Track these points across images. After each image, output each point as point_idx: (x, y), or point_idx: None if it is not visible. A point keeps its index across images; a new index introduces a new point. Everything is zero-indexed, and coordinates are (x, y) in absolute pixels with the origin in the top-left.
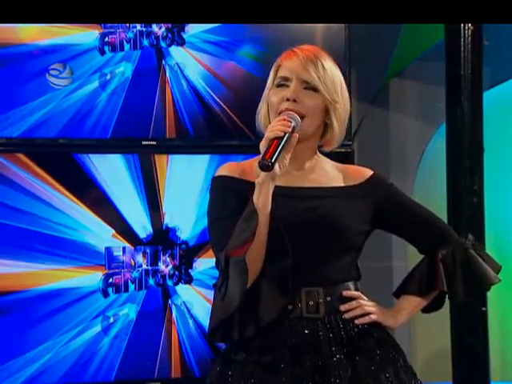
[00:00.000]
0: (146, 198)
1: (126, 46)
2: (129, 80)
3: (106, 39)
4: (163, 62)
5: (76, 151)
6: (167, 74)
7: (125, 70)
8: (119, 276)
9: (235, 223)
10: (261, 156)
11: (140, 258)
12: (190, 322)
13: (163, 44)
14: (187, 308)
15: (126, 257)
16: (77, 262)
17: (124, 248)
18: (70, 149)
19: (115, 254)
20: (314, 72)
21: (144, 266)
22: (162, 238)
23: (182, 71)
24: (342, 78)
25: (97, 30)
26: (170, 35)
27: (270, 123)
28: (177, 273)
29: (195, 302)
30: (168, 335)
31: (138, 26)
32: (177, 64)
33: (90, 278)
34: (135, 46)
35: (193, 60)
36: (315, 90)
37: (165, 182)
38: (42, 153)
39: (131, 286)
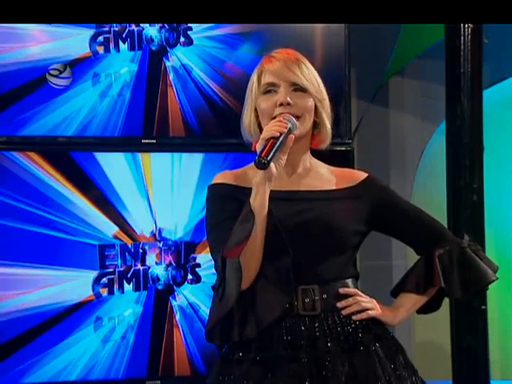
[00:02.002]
0: (149, 195)
1: (128, 47)
2: (131, 80)
3: (107, 40)
4: (166, 60)
5: (77, 149)
6: (169, 73)
7: (128, 70)
8: (114, 276)
9: (232, 227)
10: (257, 155)
11: (142, 257)
12: (198, 323)
13: (167, 43)
14: (194, 310)
15: (126, 255)
16: (81, 264)
17: (123, 246)
18: (71, 147)
19: (113, 253)
20: (299, 73)
21: (145, 265)
22: (166, 235)
23: (186, 70)
24: (318, 76)
25: (97, 31)
26: (174, 35)
27: (260, 131)
28: (181, 272)
29: (203, 302)
30: (171, 336)
31: (140, 26)
32: (179, 62)
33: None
34: (134, 46)
35: (195, 58)
36: (304, 90)
37: (167, 179)
38: (44, 150)
39: (133, 286)
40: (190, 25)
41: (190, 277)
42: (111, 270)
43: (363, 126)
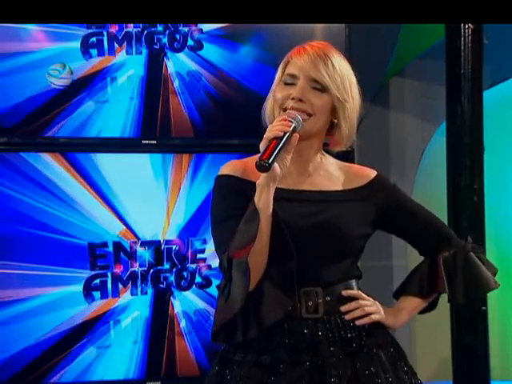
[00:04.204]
0: (150, 195)
1: (130, 49)
2: (133, 82)
3: (101, 42)
4: (167, 61)
5: (77, 150)
6: (171, 73)
7: (135, 72)
8: (106, 278)
9: (238, 224)
10: (259, 156)
11: (142, 258)
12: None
13: (171, 46)
14: (203, 316)
15: (121, 255)
16: (85, 265)
17: (118, 245)
18: (71, 148)
19: (108, 252)
20: (323, 70)
21: (145, 267)
22: (167, 235)
23: (188, 71)
24: (351, 74)
25: (92, 31)
26: (180, 37)
27: (274, 119)
28: (188, 275)
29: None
30: (173, 341)
31: (140, 26)
32: (182, 63)
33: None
34: (135, 48)
35: (198, 59)
36: (323, 89)
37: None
38: (45, 151)
39: (130, 289)
40: (198, 27)
41: (198, 280)
42: (104, 271)
43: (363, 126)
